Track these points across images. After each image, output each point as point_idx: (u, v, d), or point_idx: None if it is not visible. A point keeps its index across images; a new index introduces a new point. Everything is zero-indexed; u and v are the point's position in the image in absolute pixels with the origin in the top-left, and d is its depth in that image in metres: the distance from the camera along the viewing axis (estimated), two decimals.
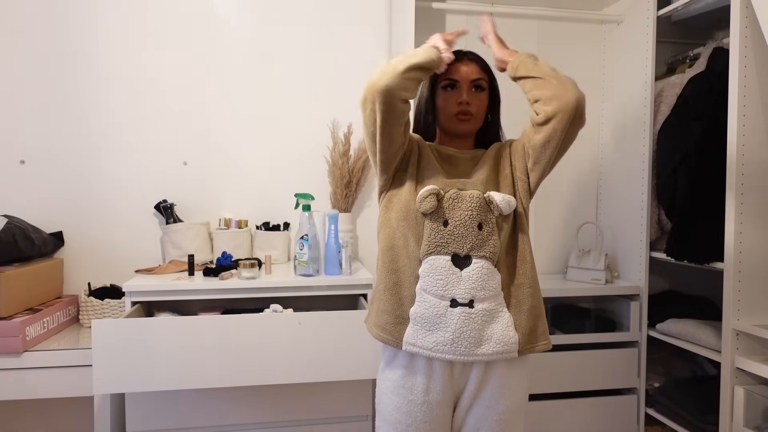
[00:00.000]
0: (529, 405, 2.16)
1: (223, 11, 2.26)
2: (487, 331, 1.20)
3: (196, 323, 1.68)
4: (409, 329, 1.21)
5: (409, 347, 1.21)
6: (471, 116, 1.30)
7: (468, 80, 1.30)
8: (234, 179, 2.28)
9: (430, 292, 1.20)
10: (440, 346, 1.19)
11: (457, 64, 1.32)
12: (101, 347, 1.60)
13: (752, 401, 1.77)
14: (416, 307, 1.21)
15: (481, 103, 1.32)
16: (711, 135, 1.97)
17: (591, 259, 2.36)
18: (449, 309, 1.19)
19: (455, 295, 1.19)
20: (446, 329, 1.19)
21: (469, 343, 1.19)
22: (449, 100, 1.31)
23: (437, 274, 1.19)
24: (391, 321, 1.23)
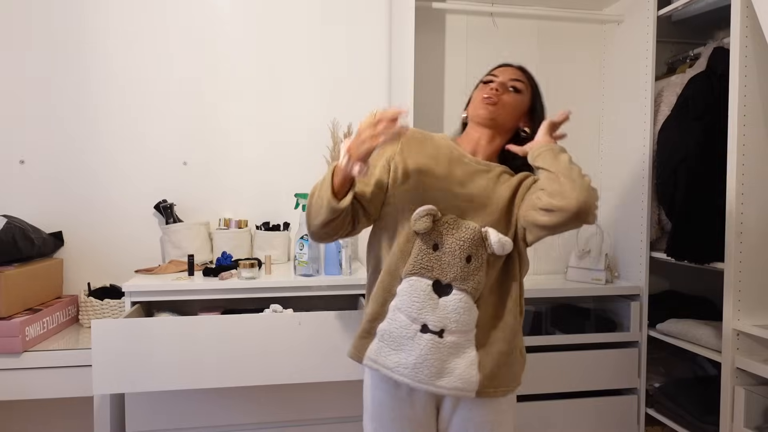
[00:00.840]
0: (529, 405, 2.18)
1: (224, 11, 2.26)
2: (450, 364, 1.17)
3: (196, 323, 1.67)
4: (374, 345, 1.20)
5: (370, 363, 1.20)
6: (495, 103, 1.25)
7: (506, 78, 1.29)
8: (234, 179, 2.28)
9: (404, 311, 1.18)
10: (401, 368, 1.17)
11: (503, 67, 1.34)
12: (101, 347, 1.60)
13: (752, 401, 1.77)
14: (386, 324, 1.20)
15: (513, 102, 1.28)
16: (711, 135, 1.97)
17: (591, 259, 2.36)
18: (418, 333, 1.17)
19: (428, 321, 1.17)
20: (411, 352, 1.17)
21: (430, 372, 1.16)
22: (482, 91, 1.29)
23: (414, 295, 1.17)
24: (359, 335, 1.23)
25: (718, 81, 1.98)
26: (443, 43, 2.44)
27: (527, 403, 2.18)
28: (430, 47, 2.40)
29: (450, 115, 2.49)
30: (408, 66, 2.07)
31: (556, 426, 2.20)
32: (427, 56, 2.40)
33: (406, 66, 2.09)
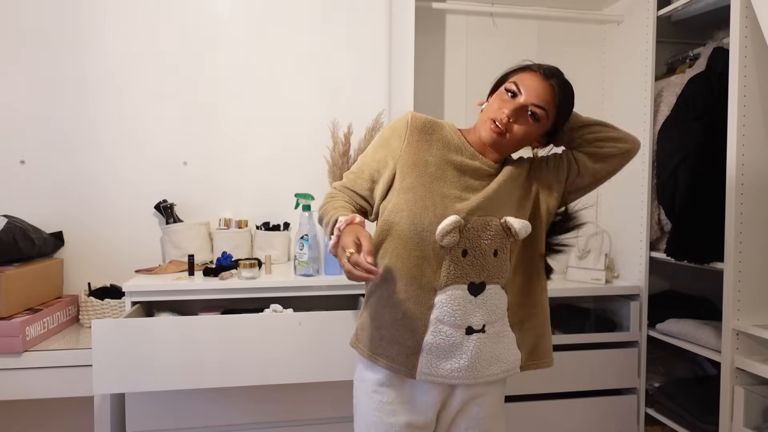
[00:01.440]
0: (529, 405, 2.18)
1: (223, 11, 2.26)
2: (497, 351, 1.21)
3: (196, 323, 1.68)
4: (423, 359, 1.18)
5: (425, 377, 1.18)
6: (503, 132, 1.16)
7: (529, 100, 1.15)
8: (234, 179, 2.28)
9: (447, 322, 1.17)
10: (456, 373, 1.18)
11: (537, 76, 1.17)
12: (101, 347, 1.60)
13: (752, 401, 1.77)
14: (431, 337, 1.17)
15: (525, 132, 1.17)
16: (711, 135, 1.97)
17: (591, 259, 2.36)
18: (465, 336, 1.17)
19: (471, 323, 1.17)
20: (462, 356, 1.18)
21: (482, 365, 1.19)
22: (500, 105, 1.17)
23: (455, 304, 1.16)
24: (402, 352, 1.19)
25: (718, 81, 1.98)
26: (443, 43, 2.44)
27: (527, 403, 2.18)
28: (430, 47, 2.40)
29: (450, 116, 2.49)
30: (408, 66, 2.07)
31: (556, 426, 2.20)
32: (427, 56, 2.40)
33: (406, 66, 2.09)
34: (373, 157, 1.25)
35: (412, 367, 1.18)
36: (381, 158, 1.23)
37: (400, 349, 1.19)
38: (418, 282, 1.18)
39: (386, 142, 1.24)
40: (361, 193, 1.26)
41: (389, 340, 1.20)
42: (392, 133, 1.24)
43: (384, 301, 1.21)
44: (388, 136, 1.24)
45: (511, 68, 1.23)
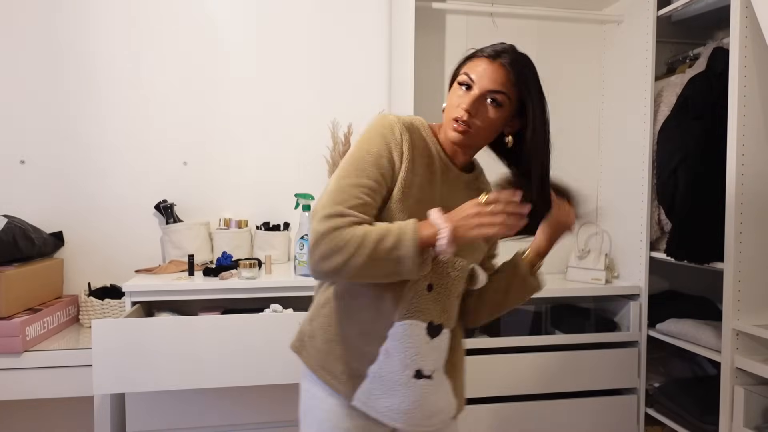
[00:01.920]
0: (529, 405, 2.18)
1: (223, 12, 2.26)
2: (439, 400, 1.13)
3: (196, 323, 1.68)
4: (365, 386, 1.09)
5: (359, 404, 1.09)
6: (468, 129, 1.06)
7: (484, 88, 1.06)
8: (234, 179, 2.28)
9: (397, 358, 1.07)
10: (391, 413, 1.09)
11: (486, 61, 1.08)
12: (101, 347, 1.60)
13: (752, 401, 1.77)
14: (376, 367, 1.08)
15: (491, 122, 1.07)
16: (711, 135, 1.97)
17: (591, 259, 2.36)
18: (411, 379, 1.08)
19: (422, 366, 1.09)
20: (403, 399, 1.08)
21: (423, 415, 1.10)
22: (457, 101, 1.08)
23: (410, 340, 1.07)
24: (345, 372, 1.10)
25: (718, 81, 1.98)
26: (443, 43, 2.44)
27: (527, 403, 2.18)
28: (430, 47, 2.40)
29: None
30: (408, 66, 2.07)
31: (556, 426, 2.20)
32: (427, 56, 2.40)
33: (406, 66, 2.09)
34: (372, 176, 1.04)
35: (352, 389, 1.09)
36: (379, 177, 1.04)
37: (344, 368, 1.10)
38: (377, 306, 1.08)
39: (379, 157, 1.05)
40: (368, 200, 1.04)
41: (336, 356, 1.11)
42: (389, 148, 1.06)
43: (341, 314, 1.11)
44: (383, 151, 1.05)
45: (462, 59, 1.15)
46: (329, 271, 0.99)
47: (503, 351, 2.15)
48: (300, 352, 1.17)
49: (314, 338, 1.15)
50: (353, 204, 1.00)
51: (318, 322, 1.15)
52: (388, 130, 1.07)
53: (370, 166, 1.03)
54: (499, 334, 2.18)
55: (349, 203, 1.00)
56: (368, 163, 1.04)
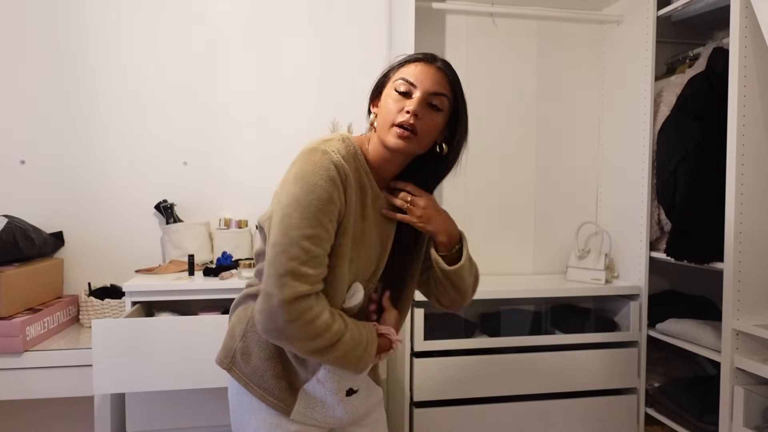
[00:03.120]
0: (529, 405, 2.18)
1: (223, 12, 2.26)
2: (370, 399, 1.23)
3: (196, 323, 1.68)
4: (301, 401, 1.12)
5: (298, 416, 1.12)
6: (413, 134, 1.04)
7: (426, 90, 1.05)
8: (234, 179, 2.28)
9: (329, 384, 1.12)
10: (328, 419, 1.15)
11: (422, 65, 1.07)
12: (101, 347, 1.60)
13: (752, 401, 1.77)
14: (312, 387, 1.12)
15: (432, 125, 1.07)
16: (711, 135, 1.97)
17: (591, 259, 2.36)
18: (344, 398, 1.15)
19: (352, 385, 1.15)
20: (338, 410, 1.15)
21: (358, 416, 1.20)
22: (396, 106, 1.05)
23: (339, 370, 1.11)
24: (283, 389, 1.11)
25: (718, 81, 1.98)
26: (443, 43, 2.44)
27: (527, 403, 2.18)
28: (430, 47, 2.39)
29: None
30: None
31: (556, 426, 2.20)
32: None
33: None
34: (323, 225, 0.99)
35: (289, 405, 1.11)
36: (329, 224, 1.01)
37: (283, 385, 1.11)
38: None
39: (329, 203, 1.00)
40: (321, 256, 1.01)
41: (273, 374, 1.11)
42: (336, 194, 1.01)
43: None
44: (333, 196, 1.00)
45: (387, 70, 1.12)
46: (289, 346, 1.02)
47: (503, 351, 2.15)
48: (230, 369, 1.15)
49: (249, 355, 1.13)
50: (307, 259, 0.97)
51: (252, 339, 1.13)
52: (334, 173, 1.01)
53: (319, 213, 0.98)
54: (499, 334, 2.18)
55: (303, 259, 0.96)
56: (318, 210, 0.98)
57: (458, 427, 2.10)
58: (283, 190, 1.03)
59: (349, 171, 1.04)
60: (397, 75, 1.09)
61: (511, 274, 2.51)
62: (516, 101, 2.51)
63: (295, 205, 0.99)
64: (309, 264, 0.97)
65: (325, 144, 1.05)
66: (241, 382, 1.12)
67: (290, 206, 0.99)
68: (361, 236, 1.08)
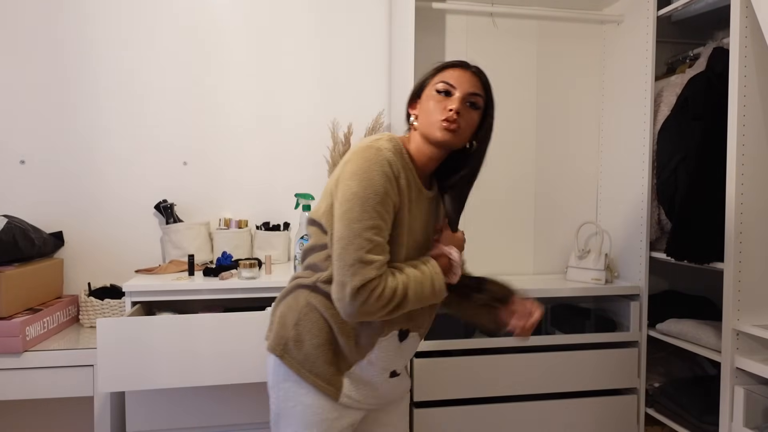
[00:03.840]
0: (529, 405, 2.18)
1: (223, 11, 2.26)
2: (403, 386, 1.35)
3: (200, 321, 1.68)
4: (347, 383, 1.22)
5: (346, 400, 1.22)
6: (458, 127, 1.17)
7: (465, 91, 1.18)
8: (234, 179, 2.28)
9: (378, 365, 1.23)
10: (368, 400, 1.26)
11: (459, 70, 1.20)
12: (106, 345, 1.60)
13: (752, 401, 1.77)
14: (357, 370, 1.23)
15: (471, 122, 1.20)
16: (711, 135, 1.97)
17: (591, 259, 2.36)
18: (388, 379, 1.26)
19: (395, 367, 1.27)
20: (380, 391, 1.27)
21: (392, 398, 1.33)
22: (438, 105, 1.18)
23: (390, 349, 1.23)
24: (332, 374, 1.21)
25: (718, 81, 1.98)
26: (443, 43, 2.44)
27: (527, 403, 2.18)
28: (430, 47, 2.40)
29: None
30: (408, 66, 2.07)
31: (556, 426, 2.20)
32: (427, 56, 2.39)
33: (406, 66, 2.08)
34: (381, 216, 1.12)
35: (338, 389, 1.21)
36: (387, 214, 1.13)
37: (332, 371, 1.21)
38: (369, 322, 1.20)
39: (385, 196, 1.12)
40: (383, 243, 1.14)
41: (325, 361, 1.20)
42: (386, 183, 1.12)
43: (334, 324, 1.19)
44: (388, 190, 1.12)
45: (426, 75, 1.24)
46: (374, 318, 1.14)
47: (503, 351, 2.15)
48: (282, 356, 1.22)
49: (301, 342, 1.21)
50: (371, 248, 1.08)
51: (305, 328, 1.21)
52: (387, 168, 1.13)
53: (378, 205, 1.10)
54: (499, 335, 2.18)
55: (368, 248, 1.08)
56: (376, 203, 1.10)
57: (458, 427, 2.10)
58: (340, 186, 1.13)
59: (400, 167, 1.16)
60: (436, 79, 1.21)
61: (511, 274, 2.51)
62: (516, 101, 2.51)
63: (355, 200, 1.09)
64: (374, 251, 1.08)
65: (377, 142, 1.16)
66: (293, 368, 1.21)
67: (350, 201, 1.09)
68: (409, 226, 1.19)
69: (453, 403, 2.10)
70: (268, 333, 1.29)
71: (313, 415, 1.20)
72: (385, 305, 1.10)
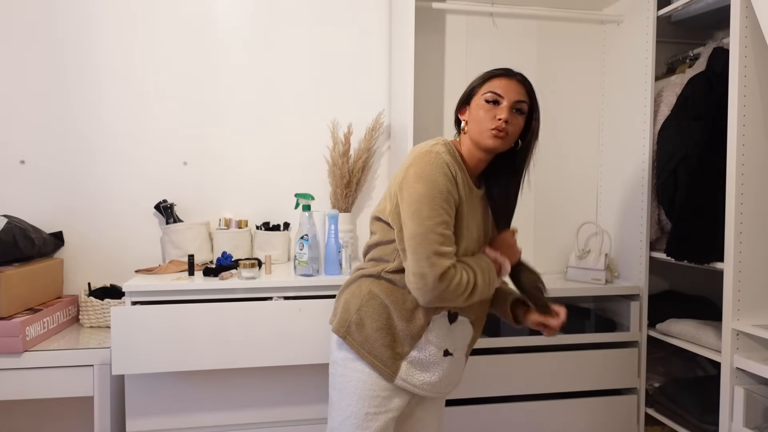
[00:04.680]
0: (529, 405, 2.18)
1: (224, 12, 2.26)
2: (455, 374, 1.41)
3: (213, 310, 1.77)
4: (404, 367, 1.33)
5: (401, 382, 1.33)
6: (506, 135, 1.29)
7: (512, 100, 1.30)
8: (234, 179, 2.28)
9: (434, 343, 1.33)
10: (425, 386, 1.34)
11: (505, 79, 1.31)
12: (119, 331, 1.69)
13: (752, 401, 1.77)
14: (416, 353, 1.33)
15: (517, 127, 1.32)
16: (711, 135, 1.97)
17: (591, 259, 2.36)
18: (442, 357, 1.35)
19: (448, 346, 1.35)
20: (435, 373, 1.34)
21: (445, 384, 1.37)
22: (488, 114, 1.30)
23: (441, 329, 1.33)
24: (390, 356, 1.32)
25: (718, 81, 1.98)
26: (443, 43, 2.44)
27: (527, 403, 2.18)
28: (430, 47, 2.40)
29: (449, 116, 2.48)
30: (408, 66, 2.07)
31: (555, 426, 2.20)
32: (427, 56, 2.40)
33: (406, 66, 2.09)
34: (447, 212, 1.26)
35: (394, 371, 1.32)
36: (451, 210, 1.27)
37: (390, 354, 1.32)
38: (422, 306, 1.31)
39: (448, 194, 1.26)
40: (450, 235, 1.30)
41: (384, 344, 1.32)
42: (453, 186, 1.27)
43: (393, 309, 1.32)
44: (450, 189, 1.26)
45: (474, 84, 1.36)
46: (451, 305, 1.30)
47: (503, 351, 2.15)
48: (345, 337, 1.36)
49: (363, 326, 1.34)
50: (444, 240, 1.23)
51: (366, 313, 1.34)
52: (447, 169, 1.26)
53: (444, 203, 1.24)
54: (499, 334, 2.18)
55: (441, 241, 1.22)
56: (442, 201, 1.24)
57: (458, 427, 2.10)
58: (405, 188, 1.26)
59: (456, 168, 1.28)
60: (484, 88, 1.32)
61: None
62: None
63: (423, 200, 1.23)
64: (446, 243, 1.23)
65: (435, 147, 1.29)
66: (354, 348, 1.34)
67: (419, 202, 1.23)
68: (467, 222, 1.32)
69: (453, 403, 2.10)
70: (332, 318, 1.42)
71: (366, 390, 1.32)
72: (462, 292, 1.24)
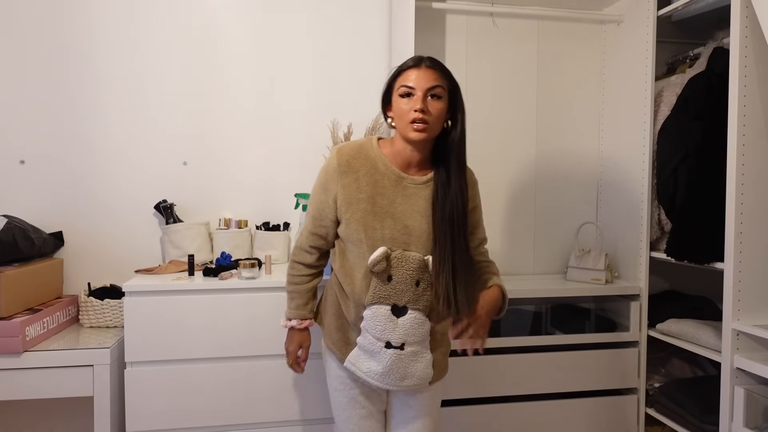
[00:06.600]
0: (529, 405, 2.18)
1: (224, 12, 2.26)
2: (412, 368, 1.41)
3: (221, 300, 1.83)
4: (354, 352, 1.44)
5: (349, 365, 1.44)
6: (426, 125, 1.32)
7: (424, 88, 1.32)
8: (234, 179, 2.28)
9: (371, 333, 1.39)
10: (372, 374, 1.41)
11: (414, 70, 1.34)
12: (132, 321, 1.77)
13: (752, 401, 1.77)
14: (360, 339, 1.42)
15: (439, 111, 1.34)
16: (711, 135, 1.97)
17: (591, 259, 2.36)
18: (383, 349, 1.38)
19: (390, 339, 1.38)
20: (379, 362, 1.39)
21: (395, 377, 1.40)
22: (406, 108, 1.33)
23: (377, 320, 1.37)
24: (342, 340, 1.46)
25: (718, 81, 1.98)
26: (443, 43, 2.44)
27: (527, 403, 2.18)
28: (430, 47, 2.40)
29: None
30: None
31: (556, 426, 2.20)
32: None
33: None
34: (319, 199, 1.43)
35: (345, 354, 1.45)
36: (325, 200, 1.42)
37: (342, 338, 1.46)
38: (358, 295, 1.39)
39: (325, 187, 1.42)
40: (322, 234, 1.47)
41: (337, 328, 1.47)
42: (327, 178, 1.41)
43: (341, 297, 1.45)
44: (324, 181, 1.42)
45: (389, 81, 1.40)
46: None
47: (503, 351, 2.15)
48: (318, 321, 1.56)
49: (326, 313, 1.52)
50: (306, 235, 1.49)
51: (327, 301, 1.53)
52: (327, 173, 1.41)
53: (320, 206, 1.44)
54: (499, 334, 2.18)
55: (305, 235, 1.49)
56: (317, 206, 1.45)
57: (458, 427, 2.10)
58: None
59: (354, 163, 1.39)
60: (397, 84, 1.37)
61: (511, 274, 2.51)
62: (516, 101, 2.51)
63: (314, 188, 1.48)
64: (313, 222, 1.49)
65: (340, 146, 1.43)
66: (323, 335, 1.52)
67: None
68: (375, 207, 1.37)
69: (453, 403, 2.10)
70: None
71: (332, 369, 1.49)
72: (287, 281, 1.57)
